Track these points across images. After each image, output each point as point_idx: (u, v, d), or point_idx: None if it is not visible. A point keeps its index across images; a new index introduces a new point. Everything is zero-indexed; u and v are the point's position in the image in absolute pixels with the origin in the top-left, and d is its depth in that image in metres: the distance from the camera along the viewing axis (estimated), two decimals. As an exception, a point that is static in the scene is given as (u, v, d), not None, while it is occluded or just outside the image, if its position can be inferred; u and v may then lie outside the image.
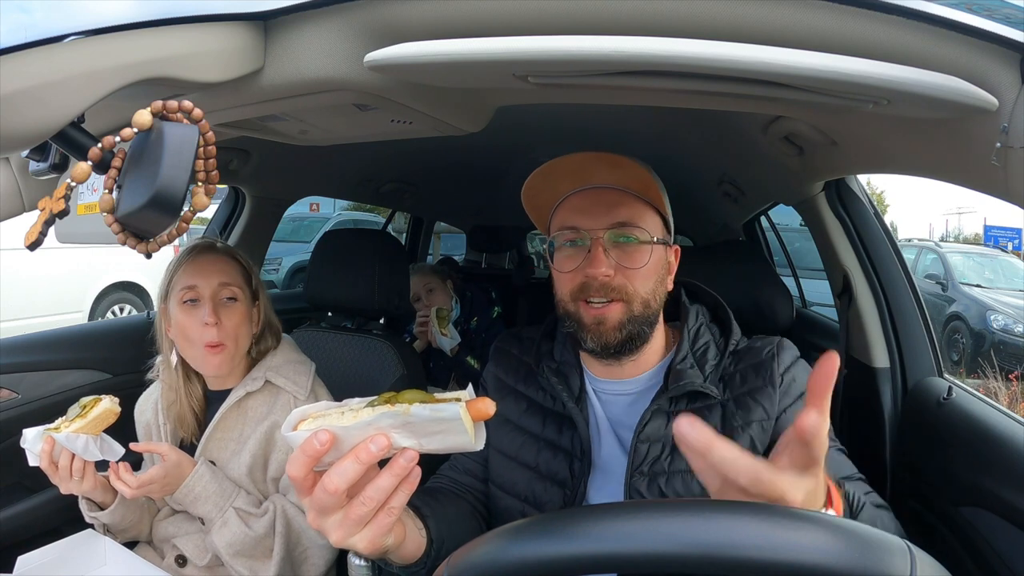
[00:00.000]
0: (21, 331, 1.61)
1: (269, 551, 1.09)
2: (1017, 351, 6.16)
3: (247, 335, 1.16)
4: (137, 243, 0.50)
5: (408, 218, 3.58)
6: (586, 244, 0.82)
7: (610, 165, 0.83)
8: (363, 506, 0.50)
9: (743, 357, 0.87)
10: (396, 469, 0.50)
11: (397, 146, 1.75)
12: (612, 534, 0.38)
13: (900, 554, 0.33)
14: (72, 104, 0.51)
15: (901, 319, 1.37)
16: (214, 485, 1.08)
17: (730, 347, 0.88)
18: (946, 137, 0.67)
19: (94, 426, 1.00)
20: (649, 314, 0.83)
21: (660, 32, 0.56)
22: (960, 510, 1.05)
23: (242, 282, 1.15)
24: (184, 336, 1.11)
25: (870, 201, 1.46)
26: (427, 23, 0.60)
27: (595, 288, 0.81)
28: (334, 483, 0.48)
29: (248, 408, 1.16)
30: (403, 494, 0.52)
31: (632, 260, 0.82)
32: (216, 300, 1.11)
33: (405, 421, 0.49)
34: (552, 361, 0.93)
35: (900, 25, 0.54)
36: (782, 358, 0.85)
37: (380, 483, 0.50)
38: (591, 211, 0.83)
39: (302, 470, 0.50)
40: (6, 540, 1.33)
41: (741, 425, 0.82)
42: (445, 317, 2.21)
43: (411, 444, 0.50)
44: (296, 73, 0.65)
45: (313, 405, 0.53)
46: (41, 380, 1.45)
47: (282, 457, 1.14)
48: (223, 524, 1.07)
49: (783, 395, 0.83)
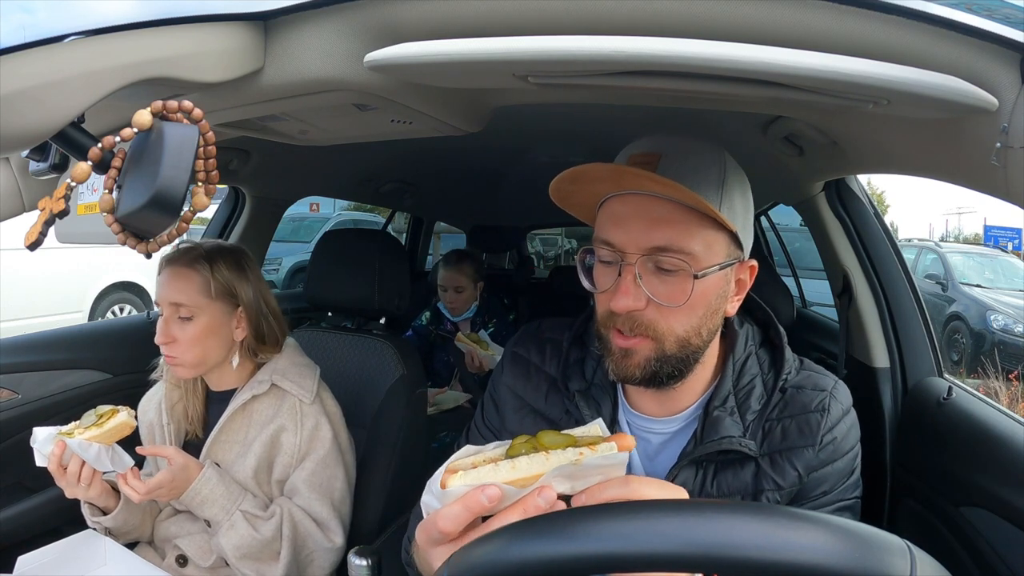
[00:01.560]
0: (21, 331, 1.61)
1: (276, 554, 1.09)
2: (1017, 351, 6.16)
3: (217, 344, 1.12)
4: (137, 243, 0.50)
5: (408, 218, 3.58)
6: (617, 265, 0.69)
7: (649, 180, 0.65)
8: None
9: (790, 403, 0.76)
10: (530, 509, 0.49)
11: (397, 146, 1.74)
12: (612, 534, 0.38)
13: (900, 554, 0.33)
14: (72, 104, 0.51)
15: (901, 319, 1.37)
16: (221, 488, 1.08)
17: (779, 384, 0.76)
18: (946, 137, 0.67)
19: (108, 437, 0.99)
20: (687, 353, 0.71)
21: (660, 32, 0.56)
22: (960, 510, 1.05)
23: (201, 299, 1.10)
24: None
25: (870, 201, 1.46)
26: (427, 23, 0.60)
27: (622, 320, 0.69)
28: (446, 526, 0.48)
29: (253, 411, 1.16)
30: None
31: (667, 295, 0.68)
32: (170, 319, 1.10)
33: (573, 471, 0.49)
34: (582, 380, 0.81)
35: (900, 25, 0.54)
36: (832, 413, 0.75)
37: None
38: (628, 224, 0.68)
39: (460, 525, 0.49)
40: (6, 540, 1.33)
41: (772, 489, 0.74)
42: (477, 340, 2.23)
43: (565, 489, 0.50)
44: (296, 73, 0.65)
45: (456, 457, 0.52)
46: (41, 380, 1.45)
47: (287, 460, 1.14)
48: (230, 527, 1.07)
49: (816, 456, 0.74)
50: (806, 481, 0.74)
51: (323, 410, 1.18)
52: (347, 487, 1.21)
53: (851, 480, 0.78)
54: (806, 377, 0.78)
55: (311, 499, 1.14)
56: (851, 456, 0.77)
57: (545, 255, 11.20)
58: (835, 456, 0.75)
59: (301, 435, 1.14)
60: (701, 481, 0.75)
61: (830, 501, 0.77)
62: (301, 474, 1.14)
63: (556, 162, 2.20)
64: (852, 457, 0.77)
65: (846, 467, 0.77)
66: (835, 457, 0.75)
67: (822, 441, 0.74)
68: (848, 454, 0.77)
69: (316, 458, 1.15)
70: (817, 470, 0.75)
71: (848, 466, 0.77)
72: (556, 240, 12.10)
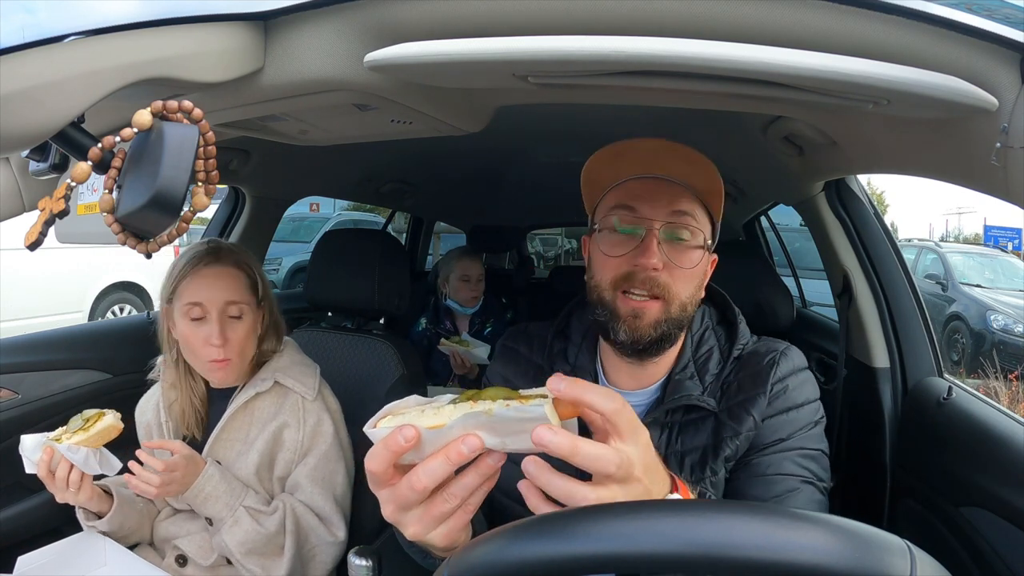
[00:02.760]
0: (21, 331, 1.61)
1: (280, 548, 1.09)
2: (1017, 351, 6.16)
3: (252, 344, 1.15)
4: (137, 243, 0.50)
5: (408, 218, 3.58)
6: (640, 233, 0.79)
7: (684, 160, 0.80)
8: (446, 503, 0.50)
9: (746, 364, 0.84)
10: (483, 469, 0.50)
11: (397, 146, 1.75)
12: (612, 534, 0.38)
13: (900, 554, 0.33)
14: (72, 104, 0.51)
15: (901, 319, 1.37)
16: (224, 485, 1.08)
17: (734, 353, 0.85)
18: (946, 137, 0.67)
19: (95, 440, 0.99)
20: (683, 318, 0.81)
21: (660, 32, 0.56)
22: (960, 510, 1.05)
23: (248, 295, 1.13)
24: (189, 348, 1.11)
25: (870, 201, 1.46)
26: (427, 23, 0.60)
27: (640, 280, 0.78)
28: (423, 482, 0.48)
29: (255, 409, 1.16)
30: (482, 492, 0.52)
31: (683, 259, 0.79)
32: (223, 319, 1.09)
33: (489, 421, 0.48)
34: (566, 364, 0.90)
35: (900, 25, 0.54)
36: (781, 367, 0.82)
37: (466, 482, 0.50)
38: (652, 198, 0.79)
39: (382, 465, 0.49)
40: (6, 540, 1.33)
41: (730, 436, 0.80)
42: (459, 341, 2.27)
43: (495, 444, 0.49)
44: (296, 73, 0.65)
45: (397, 402, 0.52)
46: (41, 380, 1.45)
47: (289, 456, 1.15)
48: (234, 523, 1.07)
49: (769, 404, 0.80)
50: (762, 427, 0.80)
51: (325, 407, 1.19)
52: (348, 483, 1.21)
53: (813, 432, 0.82)
54: (761, 344, 0.87)
55: (313, 493, 1.14)
56: (809, 410, 0.82)
57: (545, 255, 11.21)
58: (788, 404, 0.80)
59: (303, 431, 1.15)
60: (666, 440, 0.83)
61: (790, 447, 0.79)
62: (303, 469, 1.15)
63: (556, 162, 2.21)
64: (811, 411, 0.82)
65: (805, 419, 0.81)
66: (788, 405, 0.80)
67: (772, 388, 0.80)
68: (804, 407, 0.82)
69: (318, 453, 1.15)
70: (771, 417, 0.80)
71: (808, 419, 0.81)
72: (556, 240, 12.11)
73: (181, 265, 1.12)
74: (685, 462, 0.81)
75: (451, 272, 2.50)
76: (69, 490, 1.00)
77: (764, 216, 2.35)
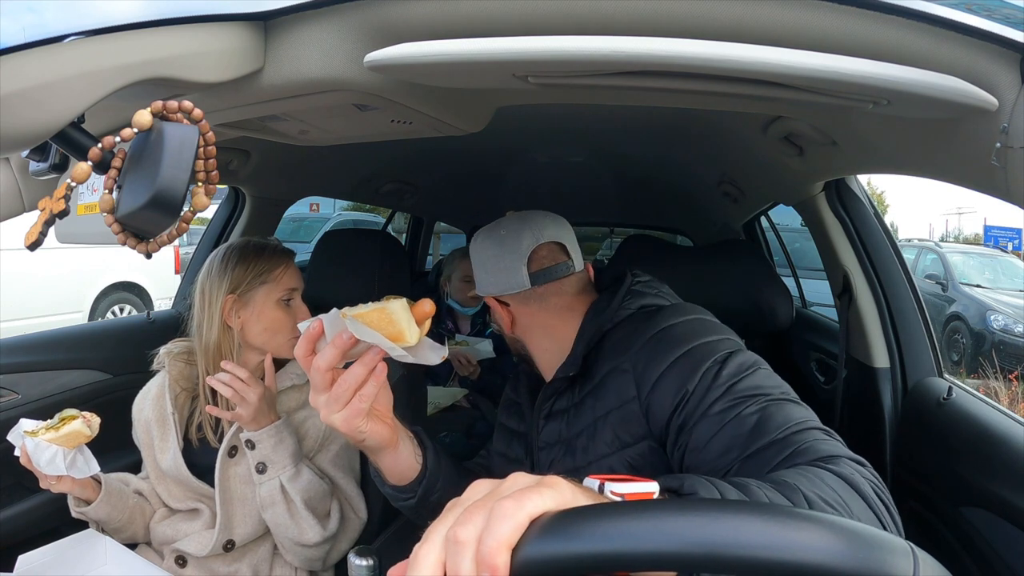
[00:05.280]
0: (21, 331, 1.61)
1: (326, 513, 1.15)
2: (1017, 351, 6.16)
3: None
4: (137, 243, 0.50)
5: (408, 218, 3.58)
6: None
7: None
8: (340, 387, 0.68)
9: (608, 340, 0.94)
10: (366, 360, 0.68)
11: (397, 146, 1.74)
12: (613, 533, 0.38)
13: (903, 555, 0.33)
14: (72, 104, 0.51)
15: (901, 319, 1.37)
16: (292, 439, 1.13)
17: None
18: (946, 137, 0.67)
19: (65, 441, 0.98)
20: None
21: (660, 32, 0.56)
22: (960, 510, 1.05)
23: None
24: (276, 330, 1.16)
25: (870, 201, 1.46)
26: (427, 23, 0.60)
27: None
28: (319, 363, 0.67)
29: (282, 400, 1.19)
30: (372, 385, 0.69)
31: None
32: (298, 306, 1.21)
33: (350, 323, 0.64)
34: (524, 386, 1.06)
35: (900, 25, 0.54)
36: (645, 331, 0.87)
37: (354, 371, 0.68)
38: None
39: (300, 350, 0.69)
40: (6, 540, 1.33)
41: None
42: (456, 342, 2.28)
43: (372, 339, 0.64)
44: (296, 73, 0.65)
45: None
46: (41, 380, 1.45)
47: (311, 444, 1.19)
48: (297, 473, 1.11)
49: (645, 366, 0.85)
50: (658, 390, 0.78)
51: None
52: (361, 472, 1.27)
53: (732, 362, 0.76)
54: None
55: (338, 476, 1.20)
56: (705, 348, 0.79)
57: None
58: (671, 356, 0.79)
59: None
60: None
61: (712, 394, 0.73)
62: (327, 455, 1.20)
63: (556, 162, 2.21)
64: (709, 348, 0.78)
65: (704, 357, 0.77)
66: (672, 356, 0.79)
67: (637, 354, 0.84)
68: (696, 348, 0.79)
69: (340, 442, 1.21)
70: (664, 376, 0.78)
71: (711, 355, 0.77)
72: (556, 240, 12.04)
73: (268, 260, 1.17)
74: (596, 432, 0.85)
75: (454, 272, 2.49)
76: (49, 479, 1.01)
77: (764, 216, 2.34)
